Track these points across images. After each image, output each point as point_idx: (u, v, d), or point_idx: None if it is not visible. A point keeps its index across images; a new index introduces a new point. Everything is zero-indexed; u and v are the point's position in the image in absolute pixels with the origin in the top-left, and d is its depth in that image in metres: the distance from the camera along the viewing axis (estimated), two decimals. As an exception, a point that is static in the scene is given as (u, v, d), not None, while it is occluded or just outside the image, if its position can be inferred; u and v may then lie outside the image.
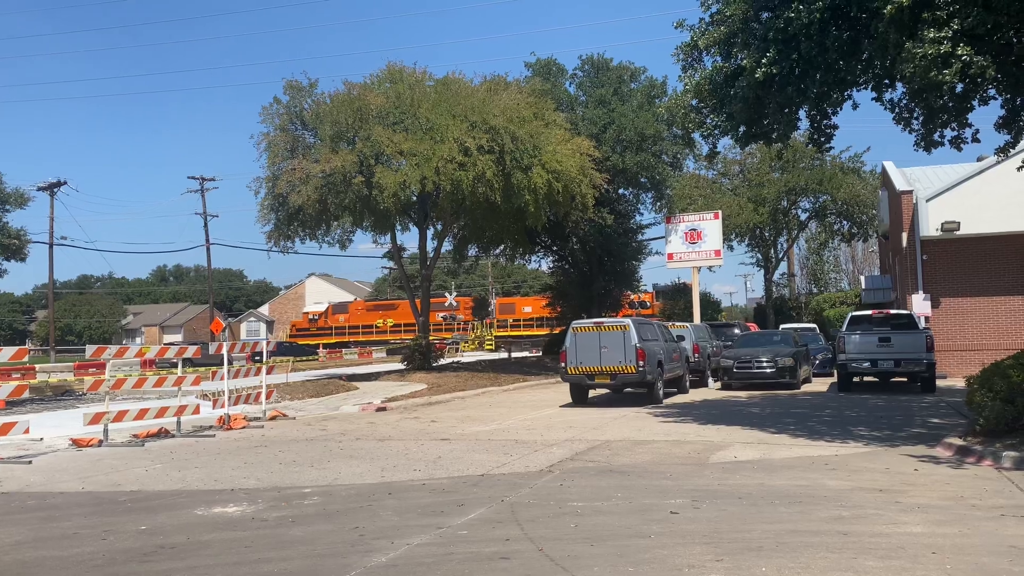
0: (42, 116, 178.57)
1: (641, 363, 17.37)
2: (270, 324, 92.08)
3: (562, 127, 26.62)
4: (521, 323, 59.37)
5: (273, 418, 16.37)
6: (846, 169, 39.57)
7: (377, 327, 61.61)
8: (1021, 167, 13.22)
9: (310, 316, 67.52)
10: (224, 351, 16.19)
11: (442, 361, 32.09)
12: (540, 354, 40.79)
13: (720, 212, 33.84)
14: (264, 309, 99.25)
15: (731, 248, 41.86)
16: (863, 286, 36.33)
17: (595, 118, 30.53)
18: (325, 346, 55.17)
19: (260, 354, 18.28)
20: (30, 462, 11.33)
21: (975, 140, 11.88)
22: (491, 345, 56.63)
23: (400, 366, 30.12)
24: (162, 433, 13.94)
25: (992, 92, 11.53)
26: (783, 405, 17.27)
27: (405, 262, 33.36)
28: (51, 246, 50.99)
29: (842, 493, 8.01)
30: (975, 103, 11.43)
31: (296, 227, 26.46)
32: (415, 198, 26.08)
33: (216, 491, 8.97)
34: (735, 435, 12.50)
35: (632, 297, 44.10)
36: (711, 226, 32.49)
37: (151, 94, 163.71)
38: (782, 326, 33.99)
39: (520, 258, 36.35)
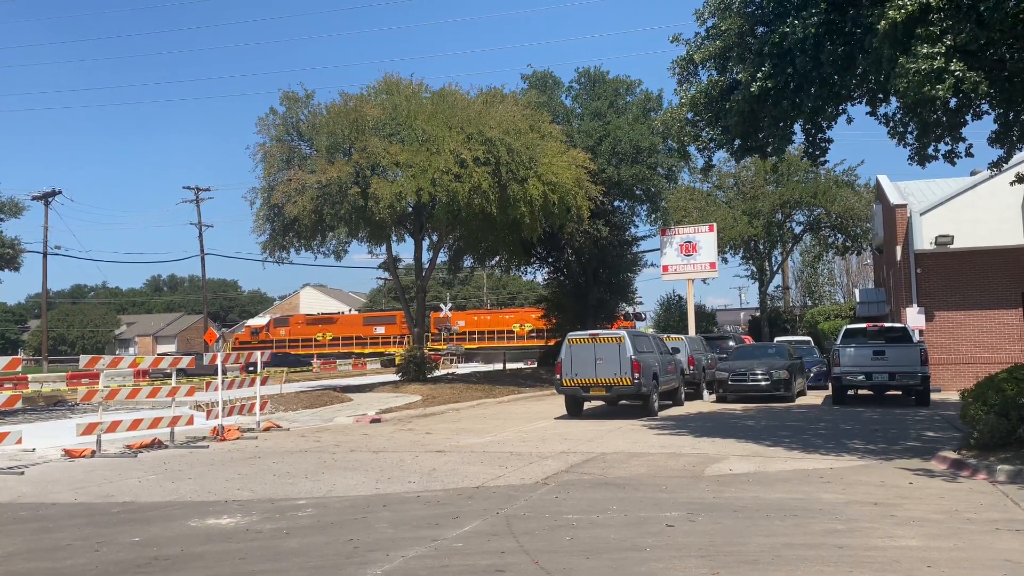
0: (37, 125, 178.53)
1: (636, 375, 17.37)
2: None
3: (558, 139, 26.72)
4: (465, 336, 59.92)
5: (267, 429, 16.31)
6: (840, 182, 39.75)
7: (316, 340, 62.38)
8: (1014, 182, 13.31)
9: (252, 329, 68.17)
10: (218, 362, 16.15)
11: (436, 373, 32.05)
12: (535, 365, 40.80)
13: (715, 224, 33.99)
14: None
15: (725, 261, 41.98)
16: (857, 299, 36.45)
17: (591, 130, 30.64)
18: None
19: (254, 365, 18.23)
20: (23, 473, 11.26)
21: (969, 154, 11.93)
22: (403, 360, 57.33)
23: (394, 377, 30.07)
24: (156, 444, 13.87)
25: (985, 107, 11.60)
26: (778, 418, 17.28)
27: (400, 273, 33.33)
28: (45, 255, 50.85)
29: (837, 506, 8.01)
30: (968, 118, 11.51)
31: (291, 238, 26.44)
32: (411, 209, 26.12)
33: (210, 502, 8.93)
34: (730, 448, 12.50)
35: (636, 299, 44.33)
36: (706, 238, 32.61)
37: (146, 104, 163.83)
38: (777, 339, 34.05)
39: (515, 269, 36.40)
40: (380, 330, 62.79)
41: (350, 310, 78.04)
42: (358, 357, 55.77)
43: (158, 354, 67.76)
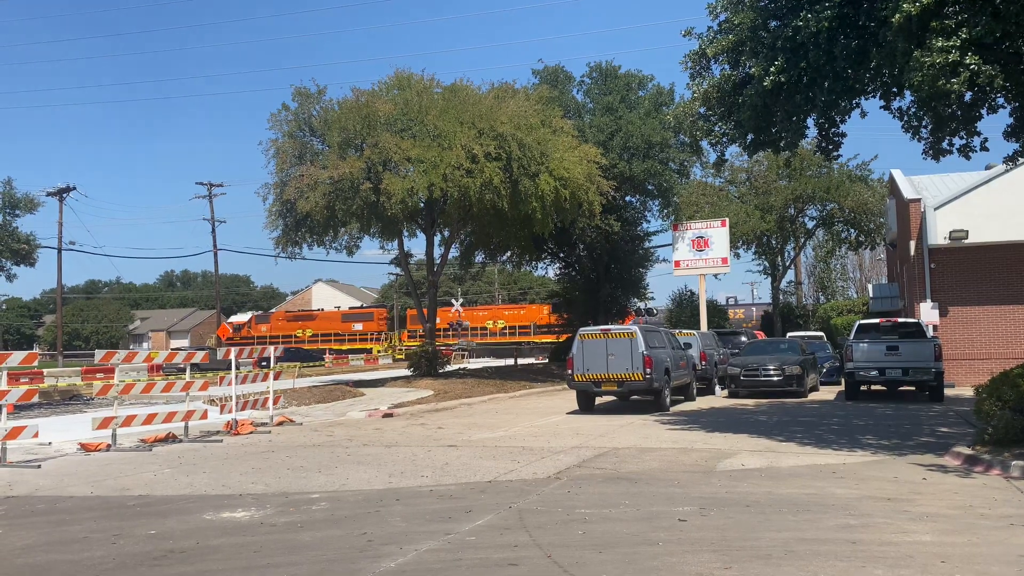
0: (52, 122, 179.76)
1: (648, 370, 17.36)
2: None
3: (569, 134, 26.67)
4: (441, 333, 60.41)
5: (280, 423, 16.40)
6: (853, 177, 39.49)
7: (296, 337, 63.28)
8: (1030, 176, 13.21)
9: (234, 325, 69.32)
10: (232, 356, 16.24)
11: (448, 368, 32.10)
12: (546, 360, 40.84)
13: (727, 220, 33.87)
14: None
15: (738, 256, 41.80)
16: (871, 294, 36.26)
17: (602, 125, 30.58)
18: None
19: (267, 360, 18.35)
20: (39, 466, 11.38)
21: (984, 148, 11.87)
22: (400, 355, 57.67)
23: (406, 372, 30.16)
24: (170, 438, 13.98)
25: (1001, 101, 11.53)
26: (790, 413, 17.24)
27: (412, 268, 33.38)
28: (60, 251, 51.15)
29: (850, 502, 7.99)
30: (983, 112, 11.44)
31: (304, 233, 26.52)
32: (422, 205, 26.13)
33: (225, 496, 9.00)
34: (742, 443, 12.49)
35: (647, 295, 44.44)
36: (718, 234, 32.50)
37: (160, 100, 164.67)
38: (789, 334, 33.92)
39: (526, 265, 36.40)
40: (358, 327, 63.80)
41: (361, 305, 78.38)
42: (336, 353, 56.36)
43: (171, 349, 68.32)
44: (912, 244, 25.78)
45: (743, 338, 29.37)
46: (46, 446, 13.24)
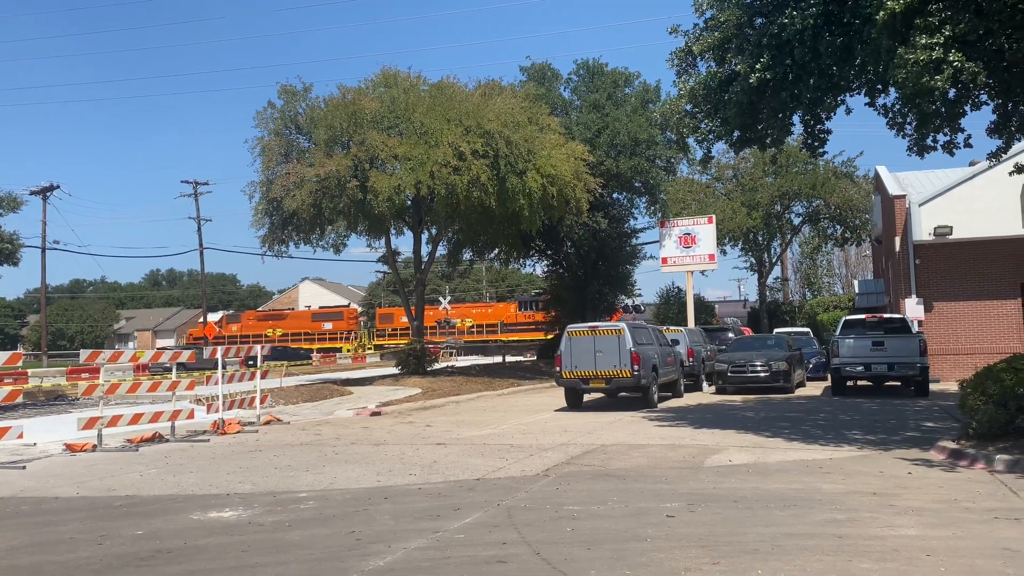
0: (35, 119, 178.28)
1: (636, 367, 17.40)
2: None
3: (556, 131, 26.66)
4: (398, 332, 60.61)
5: (267, 423, 16.34)
6: (839, 173, 39.75)
7: (266, 336, 63.74)
8: (1013, 172, 13.32)
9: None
10: (218, 355, 16.16)
11: (436, 366, 32.07)
12: (534, 357, 40.88)
13: (714, 216, 33.99)
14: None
15: (724, 252, 41.98)
16: (856, 290, 36.51)
17: (589, 122, 30.59)
18: None
19: (254, 358, 18.27)
20: (24, 467, 11.29)
21: (967, 145, 11.95)
22: (371, 351, 57.74)
23: (394, 371, 30.10)
24: (156, 438, 13.90)
25: (984, 97, 11.62)
26: (777, 409, 17.32)
27: (399, 266, 33.30)
28: (43, 250, 50.66)
29: (837, 496, 8.04)
30: (967, 108, 11.52)
31: (290, 231, 26.40)
32: (409, 202, 26.07)
33: (212, 496, 8.96)
34: (730, 439, 12.54)
35: (635, 292, 44.65)
36: (705, 230, 32.63)
37: (144, 97, 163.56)
38: (776, 330, 34.09)
39: (514, 262, 36.38)
40: (328, 326, 64.19)
41: (349, 304, 78.24)
42: (306, 352, 56.51)
43: (157, 348, 68.03)
44: (897, 240, 25.95)
45: (730, 334, 29.49)
46: (31, 447, 13.13)
